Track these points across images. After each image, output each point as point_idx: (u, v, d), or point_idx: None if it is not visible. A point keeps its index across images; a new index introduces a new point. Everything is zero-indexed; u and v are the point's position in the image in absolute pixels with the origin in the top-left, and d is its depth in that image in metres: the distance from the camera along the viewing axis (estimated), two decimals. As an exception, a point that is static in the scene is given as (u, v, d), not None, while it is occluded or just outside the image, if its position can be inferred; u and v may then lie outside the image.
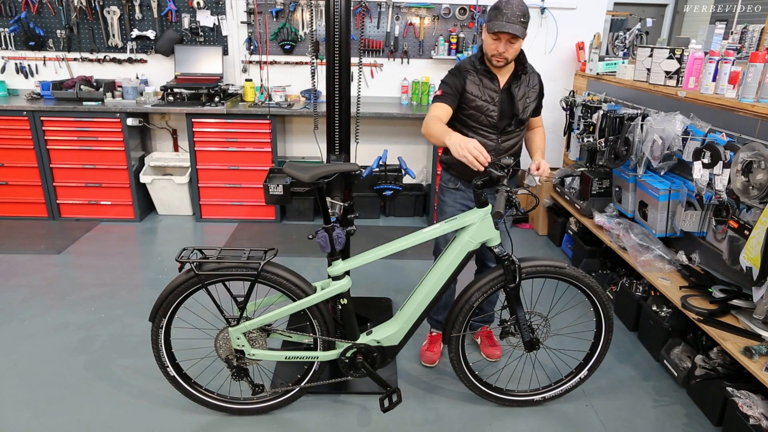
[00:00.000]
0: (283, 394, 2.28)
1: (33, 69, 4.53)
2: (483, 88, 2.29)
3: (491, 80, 2.29)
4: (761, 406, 2.08)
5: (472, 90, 2.29)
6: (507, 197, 1.93)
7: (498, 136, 2.35)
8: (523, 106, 2.34)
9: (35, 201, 4.32)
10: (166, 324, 2.14)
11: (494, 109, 2.30)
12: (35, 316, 2.97)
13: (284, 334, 2.22)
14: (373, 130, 4.73)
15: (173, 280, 2.07)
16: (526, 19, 2.18)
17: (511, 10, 2.13)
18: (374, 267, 3.66)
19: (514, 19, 2.12)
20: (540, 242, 4.28)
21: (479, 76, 2.29)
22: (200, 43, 4.47)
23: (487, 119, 2.31)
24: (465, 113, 2.33)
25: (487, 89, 2.29)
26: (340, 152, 2.45)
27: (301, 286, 2.10)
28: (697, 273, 2.71)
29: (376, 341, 2.19)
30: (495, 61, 2.23)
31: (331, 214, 2.17)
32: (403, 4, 4.43)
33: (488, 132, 2.34)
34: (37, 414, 2.25)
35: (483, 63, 2.30)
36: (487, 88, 2.29)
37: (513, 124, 2.35)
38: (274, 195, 2.23)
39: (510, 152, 2.40)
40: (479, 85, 2.29)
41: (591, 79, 4.06)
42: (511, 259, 2.09)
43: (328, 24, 2.25)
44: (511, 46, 2.18)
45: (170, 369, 2.20)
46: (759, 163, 2.16)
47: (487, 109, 2.30)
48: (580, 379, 2.36)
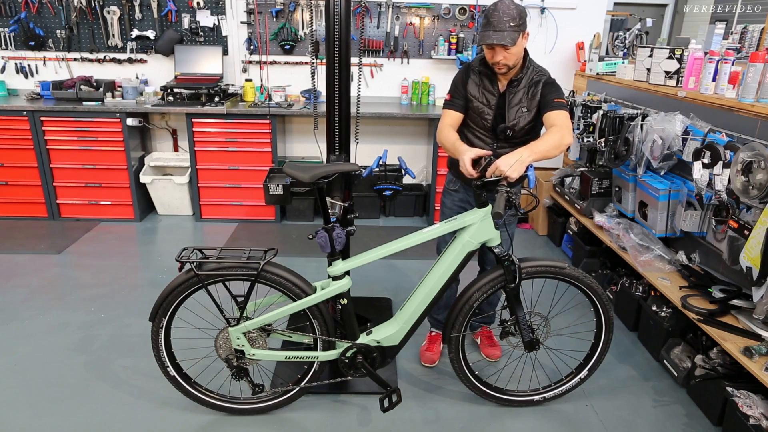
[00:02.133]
0: (283, 394, 2.28)
1: (33, 69, 4.53)
2: (483, 90, 2.25)
3: (491, 83, 2.24)
4: (761, 406, 2.08)
5: (472, 91, 2.26)
6: (507, 197, 1.93)
7: (494, 142, 2.29)
8: (515, 114, 2.22)
9: (35, 201, 4.32)
10: (166, 324, 2.14)
11: (490, 113, 2.25)
12: (35, 316, 2.97)
13: (284, 334, 2.22)
14: (373, 130, 4.73)
15: (173, 280, 2.07)
16: (519, 21, 2.06)
17: (498, 17, 2.05)
18: (374, 267, 3.66)
19: (502, 26, 2.04)
20: (540, 242, 4.28)
21: (481, 77, 2.26)
22: (200, 43, 4.47)
23: (483, 122, 2.27)
24: (467, 114, 2.31)
25: (486, 92, 2.25)
26: (340, 152, 2.45)
27: (301, 286, 2.10)
28: (697, 273, 2.71)
29: (376, 341, 2.19)
30: (496, 69, 2.18)
31: (331, 214, 2.17)
32: (403, 4, 4.43)
33: (484, 135, 2.30)
34: (37, 414, 2.25)
35: (485, 64, 2.24)
36: (487, 91, 2.25)
37: (509, 132, 2.24)
38: (274, 195, 2.23)
39: None
40: (480, 87, 2.26)
41: (591, 79, 4.07)
42: (511, 259, 2.09)
43: (328, 24, 2.25)
44: (507, 52, 2.09)
45: (170, 369, 2.20)
46: (759, 163, 2.16)
47: (483, 112, 2.25)
48: (581, 380, 2.36)
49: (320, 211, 2.10)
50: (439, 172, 4.37)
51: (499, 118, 2.25)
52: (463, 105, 2.28)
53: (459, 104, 2.28)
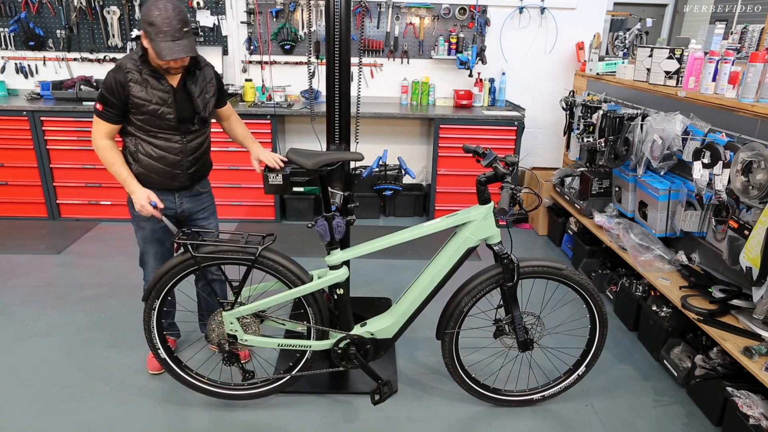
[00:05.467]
0: (274, 382, 2.27)
1: (33, 69, 4.53)
2: (151, 90, 2.10)
3: (158, 80, 2.11)
4: (761, 406, 2.08)
5: (139, 95, 2.09)
6: (511, 194, 1.93)
7: (182, 137, 2.22)
8: (203, 103, 2.22)
9: (35, 201, 4.32)
10: (159, 305, 2.13)
11: (170, 111, 2.14)
12: (35, 316, 2.97)
13: (277, 321, 2.22)
14: (373, 130, 4.73)
15: (169, 261, 2.07)
16: (188, 25, 2.00)
17: (170, 24, 1.93)
18: (374, 267, 3.67)
19: (179, 35, 1.96)
20: (540, 242, 4.28)
21: (144, 77, 2.09)
22: (200, 43, 4.47)
23: (166, 122, 2.15)
24: (139, 119, 2.14)
25: (156, 91, 2.11)
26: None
27: (298, 273, 2.10)
28: (697, 273, 2.71)
29: (370, 333, 2.19)
30: (172, 72, 2.09)
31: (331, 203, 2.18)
32: (403, 4, 4.43)
33: (170, 134, 2.19)
34: (37, 414, 2.25)
35: (147, 63, 2.09)
36: (156, 90, 2.11)
37: (197, 123, 2.24)
38: (273, 185, 2.24)
39: (199, 150, 2.30)
40: (146, 89, 2.09)
41: (591, 79, 4.06)
42: (510, 257, 2.09)
43: (328, 24, 2.26)
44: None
45: (161, 351, 2.20)
46: (759, 163, 2.16)
47: (162, 112, 2.13)
48: (578, 376, 2.36)
49: (320, 211, 2.10)
50: (439, 172, 4.37)
51: (180, 112, 2.17)
52: (118, 115, 2.13)
53: (113, 115, 2.12)
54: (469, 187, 4.43)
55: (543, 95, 4.67)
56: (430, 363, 2.67)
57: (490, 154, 2.04)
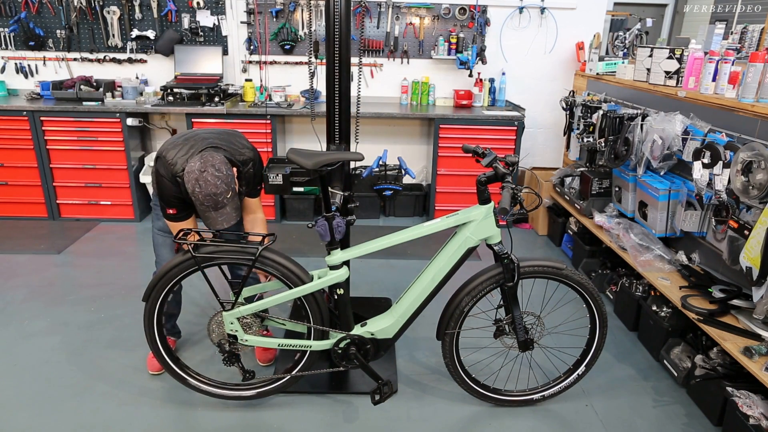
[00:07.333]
0: (273, 382, 2.27)
1: (33, 69, 4.53)
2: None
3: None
4: (761, 406, 2.08)
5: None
6: (512, 194, 1.93)
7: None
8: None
9: (35, 201, 4.32)
10: (159, 305, 2.13)
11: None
12: (35, 316, 2.97)
13: (277, 321, 2.22)
14: (373, 130, 4.73)
15: (169, 261, 2.07)
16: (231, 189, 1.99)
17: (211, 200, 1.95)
18: (374, 267, 3.67)
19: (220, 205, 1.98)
20: (540, 242, 4.28)
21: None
22: (200, 43, 4.47)
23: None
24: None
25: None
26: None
27: (298, 273, 2.09)
28: (697, 273, 2.71)
29: (370, 333, 2.19)
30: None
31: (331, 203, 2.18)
32: (403, 4, 4.43)
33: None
34: (37, 414, 2.25)
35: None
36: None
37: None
38: (273, 184, 2.24)
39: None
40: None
41: (591, 79, 4.06)
42: (510, 257, 2.09)
43: (328, 24, 2.25)
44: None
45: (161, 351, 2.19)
46: (759, 163, 2.16)
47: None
48: (578, 376, 2.36)
49: (320, 211, 2.10)
50: (439, 172, 4.37)
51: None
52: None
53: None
54: (469, 187, 4.43)
55: (543, 95, 4.67)
56: (430, 363, 2.67)
57: (490, 154, 2.04)
